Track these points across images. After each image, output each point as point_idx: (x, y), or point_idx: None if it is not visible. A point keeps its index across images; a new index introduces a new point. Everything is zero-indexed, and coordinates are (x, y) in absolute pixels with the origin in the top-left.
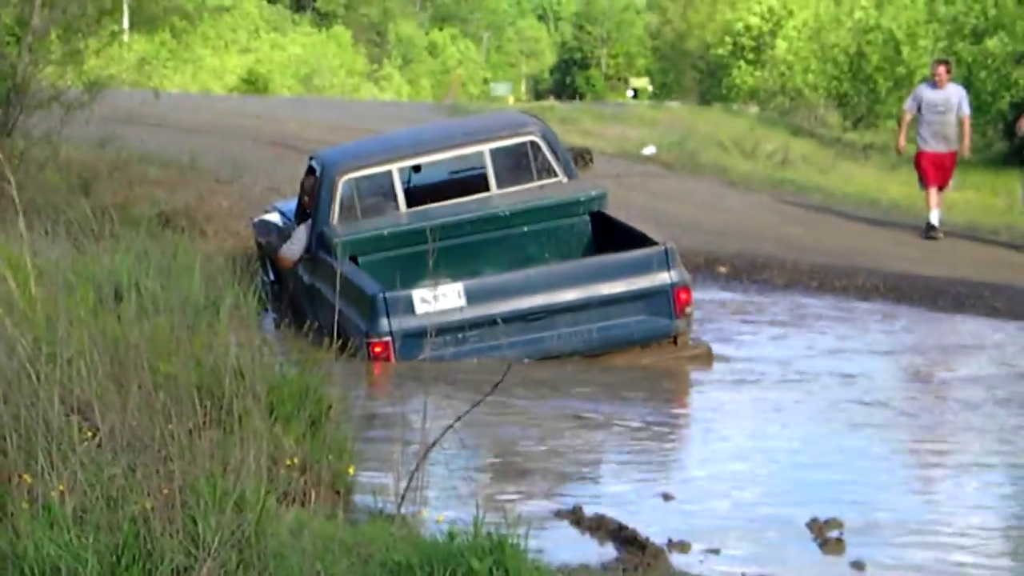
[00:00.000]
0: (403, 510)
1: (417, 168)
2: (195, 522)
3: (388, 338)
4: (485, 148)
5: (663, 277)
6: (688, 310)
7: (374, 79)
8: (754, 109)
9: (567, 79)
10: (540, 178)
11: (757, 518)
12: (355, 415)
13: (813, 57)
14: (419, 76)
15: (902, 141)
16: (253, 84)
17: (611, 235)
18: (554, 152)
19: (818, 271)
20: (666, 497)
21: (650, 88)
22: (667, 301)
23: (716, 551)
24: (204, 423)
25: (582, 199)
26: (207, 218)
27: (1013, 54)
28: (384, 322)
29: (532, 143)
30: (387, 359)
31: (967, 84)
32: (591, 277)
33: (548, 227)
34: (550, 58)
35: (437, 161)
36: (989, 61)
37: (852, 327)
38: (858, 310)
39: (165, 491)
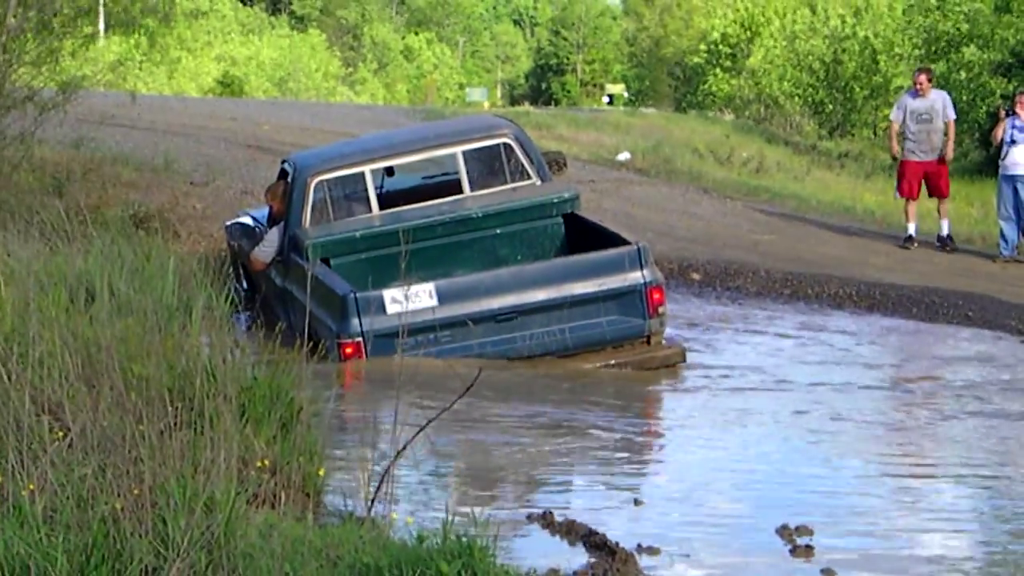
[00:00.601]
0: (373, 513)
1: (390, 172)
2: (165, 523)
3: (359, 339)
4: (458, 150)
5: (635, 276)
6: (661, 310)
7: (349, 83)
8: (729, 116)
9: (543, 85)
10: (513, 180)
11: (727, 524)
12: (326, 418)
13: (788, 65)
14: (395, 80)
15: (895, 147)
16: (228, 87)
17: (585, 237)
18: (527, 154)
19: (791, 279)
20: (637, 503)
21: (626, 94)
22: (640, 301)
23: (686, 556)
24: (175, 424)
25: (555, 201)
26: (181, 220)
27: (990, 63)
28: (355, 322)
29: (505, 145)
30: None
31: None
32: (563, 277)
33: (521, 229)
34: (526, 63)
35: (410, 163)
36: (964, 71)
37: (825, 335)
38: (832, 318)
39: (135, 491)
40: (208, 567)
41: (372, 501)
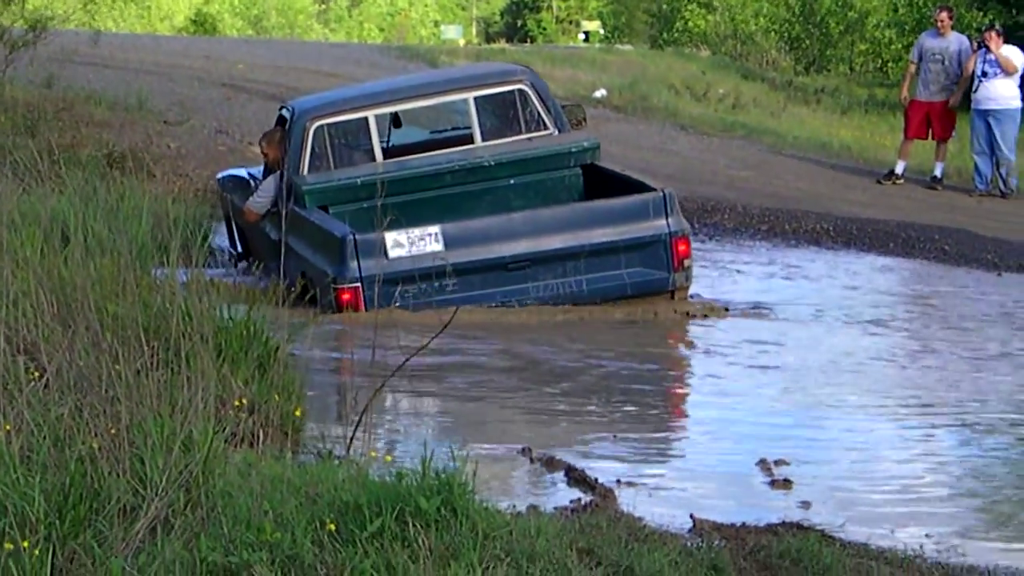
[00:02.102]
0: (352, 451)
1: (397, 123)
2: (142, 462)
3: (357, 284)
4: (469, 96)
5: (660, 225)
6: (687, 263)
7: (323, 20)
8: (706, 53)
9: (518, 22)
10: (528, 131)
11: (707, 459)
12: (304, 358)
13: (764, 0)
14: (369, 17)
15: (904, 91)
16: (201, 25)
17: (605, 189)
18: (544, 103)
19: (768, 215)
20: (617, 439)
21: (601, 31)
22: (664, 252)
23: (666, 490)
24: (151, 364)
25: (573, 150)
26: (155, 160)
27: None
28: (353, 266)
29: (520, 92)
30: (355, 308)
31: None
32: (581, 224)
33: (536, 180)
34: (501, 1)
35: (417, 109)
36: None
37: (806, 270)
38: (810, 253)
39: (112, 431)
40: (187, 506)
41: (351, 439)
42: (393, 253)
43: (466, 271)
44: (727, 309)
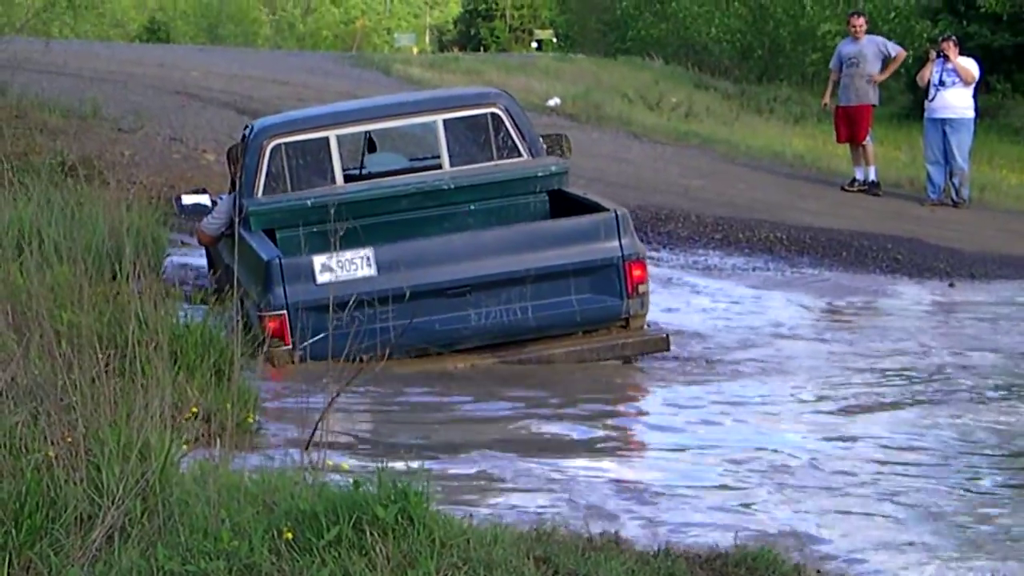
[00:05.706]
0: (308, 460)
1: (372, 147)
2: (99, 470)
3: (283, 312)
4: (438, 119)
5: (611, 247)
6: (642, 288)
7: (276, 28)
8: (658, 62)
9: (471, 30)
10: (500, 157)
11: (666, 472)
12: (260, 366)
13: (716, 10)
14: (322, 27)
15: (826, 97)
16: (155, 33)
17: (572, 216)
18: (519, 129)
19: (721, 224)
20: (573, 447)
21: (555, 40)
22: (616, 277)
23: (622, 499)
24: (107, 372)
25: (539, 175)
26: (109, 167)
27: (917, 6)
28: (279, 292)
29: (493, 116)
30: (283, 340)
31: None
32: (526, 246)
33: (498, 205)
34: (454, 9)
35: (383, 129)
36: (892, 15)
37: (754, 279)
38: (760, 262)
39: (68, 439)
40: (144, 514)
41: (307, 448)
42: (322, 278)
43: (401, 298)
44: (668, 339)
